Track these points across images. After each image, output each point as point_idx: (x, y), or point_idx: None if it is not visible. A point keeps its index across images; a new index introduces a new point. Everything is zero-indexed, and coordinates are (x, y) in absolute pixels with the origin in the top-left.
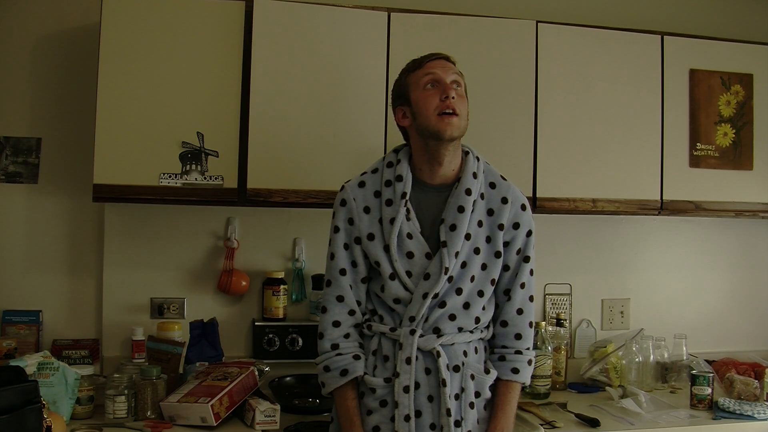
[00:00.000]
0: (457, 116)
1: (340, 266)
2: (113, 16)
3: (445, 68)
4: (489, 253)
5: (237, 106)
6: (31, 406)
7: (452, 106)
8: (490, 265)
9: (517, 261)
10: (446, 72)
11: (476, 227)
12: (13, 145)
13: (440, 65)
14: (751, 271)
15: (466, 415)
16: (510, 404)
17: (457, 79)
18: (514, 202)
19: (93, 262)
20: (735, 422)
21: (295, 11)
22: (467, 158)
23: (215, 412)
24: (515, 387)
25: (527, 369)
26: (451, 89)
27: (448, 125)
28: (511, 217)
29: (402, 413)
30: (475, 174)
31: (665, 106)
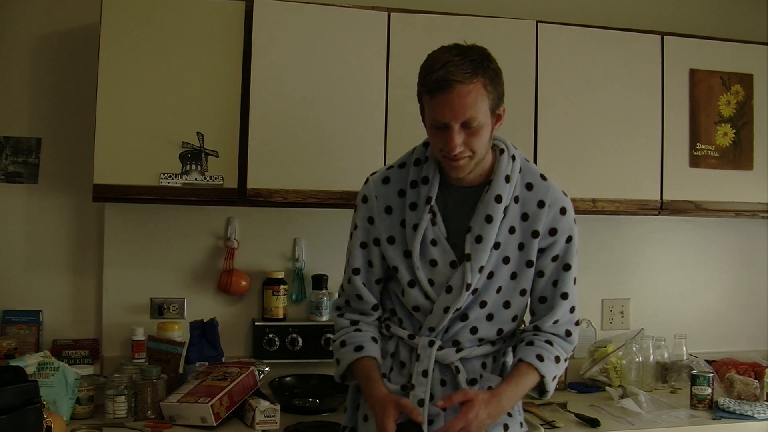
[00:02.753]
0: (463, 159)
1: (354, 265)
2: (113, 16)
3: (454, 108)
4: (520, 262)
5: (237, 106)
6: (31, 406)
7: (457, 157)
8: (521, 275)
9: (555, 268)
10: (455, 113)
11: (507, 234)
12: (13, 145)
13: (448, 104)
14: (751, 271)
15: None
16: (520, 382)
17: (469, 118)
18: (552, 205)
19: (93, 262)
20: (735, 422)
21: (295, 11)
22: (501, 158)
23: (215, 412)
24: (530, 371)
25: (552, 362)
26: (455, 144)
27: (453, 169)
28: (548, 222)
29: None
30: (509, 177)
31: (665, 106)
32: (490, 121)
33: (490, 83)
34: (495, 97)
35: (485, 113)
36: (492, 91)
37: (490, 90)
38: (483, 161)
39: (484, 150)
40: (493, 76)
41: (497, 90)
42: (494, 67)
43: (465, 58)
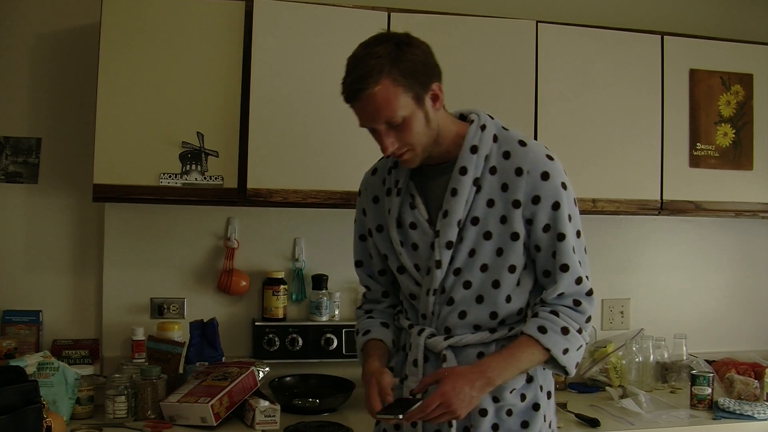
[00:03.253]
0: (406, 153)
1: (356, 258)
2: (113, 16)
3: (368, 114)
4: (504, 236)
5: (237, 106)
6: (31, 406)
7: (397, 155)
8: (507, 250)
9: (548, 239)
10: (370, 119)
11: (485, 208)
12: (13, 145)
13: (362, 111)
14: (751, 271)
15: (477, 422)
16: (515, 354)
17: (391, 117)
18: (531, 171)
19: (93, 262)
20: (735, 422)
21: (295, 11)
22: (468, 130)
23: (215, 412)
24: (530, 343)
25: (557, 333)
26: (386, 146)
27: (403, 163)
28: (528, 190)
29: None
30: (475, 148)
31: (665, 106)
32: (417, 110)
33: (401, 75)
34: (414, 83)
35: (406, 106)
36: (408, 81)
37: (404, 82)
38: (446, 138)
39: (425, 138)
40: (403, 65)
41: (414, 76)
42: (405, 54)
43: (369, 58)
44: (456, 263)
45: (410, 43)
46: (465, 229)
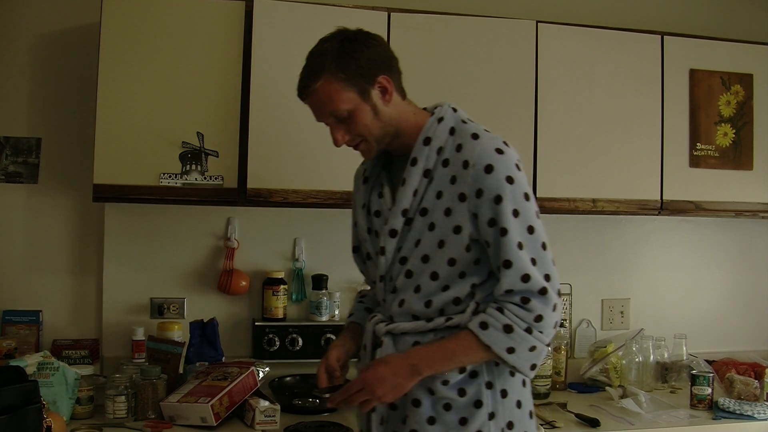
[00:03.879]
0: (360, 145)
1: (352, 244)
2: (113, 16)
3: (316, 110)
4: (446, 228)
5: (237, 106)
6: (31, 406)
7: (352, 146)
8: (448, 242)
9: (493, 234)
10: (318, 114)
11: (434, 200)
12: (13, 145)
13: (312, 108)
14: (751, 271)
15: (411, 413)
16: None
17: (335, 111)
18: (476, 164)
19: (93, 262)
20: (735, 422)
21: (295, 11)
22: (426, 122)
23: (215, 412)
24: (468, 338)
25: (499, 331)
26: (338, 137)
27: (361, 153)
28: (472, 183)
29: None
30: (428, 139)
31: (665, 106)
32: (363, 104)
33: (342, 70)
34: (357, 78)
35: (349, 100)
36: (350, 76)
37: (345, 77)
38: (407, 130)
39: (376, 129)
40: (344, 61)
41: (357, 71)
42: (347, 50)
43: (314, 56)
44: (402, 252)
45: (355, 38)
46: (415, 219)
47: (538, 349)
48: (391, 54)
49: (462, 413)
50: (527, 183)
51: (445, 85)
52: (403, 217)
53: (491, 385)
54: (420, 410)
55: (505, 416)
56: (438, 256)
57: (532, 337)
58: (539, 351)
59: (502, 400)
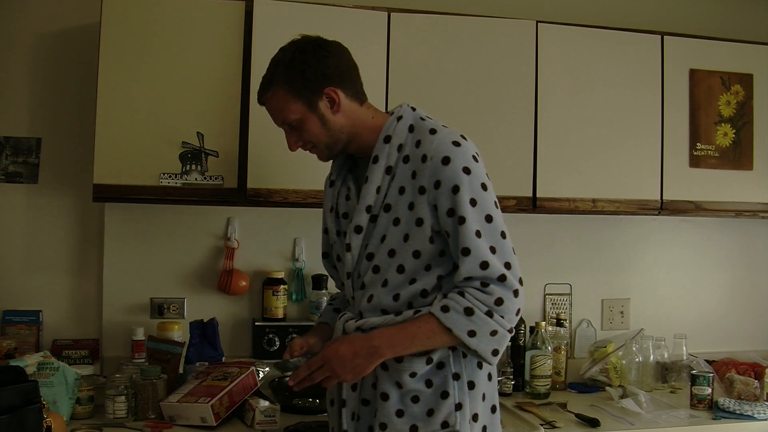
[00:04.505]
0: (312, 150)
1: (322, 250)
2: (113, 16)
3: (271, 114)
4: (410, 221)
5: (237, 106)
6: (31, 406)
7: (307, 150)
8: (412, 236)
9: (452, 224)
10: (274, 119)
11: (397, 195)
12: (13, 145)
13: (268, 112)
14: (751, 271)
15: (380, 407)
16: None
17: (285, 120)
18: (433, 157)
19: (93, 262)
20: (735, 422)
21: (295, 11)
22: (386, 122)
23: (215, 412)
24: (429, 320)
25: (459, 314)
26: (290, 143)
27: (318, 157)
28: (430, 175)
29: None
30: (388, 138)
31: (665, 106)
32: (310, 114)
33: (290, 83)
34: (304, 90)
35: (296, 110)
36: (296, 89)
37: (292, 89)
38: (365, 133)
39: (324, 137)
40: (292, 73)
41: (304, 83)
42: (297, 62)
43: (271, 66)
44: (369, 248)
45: (306, 50)
46: (379, 215)
47: (499, 334)
48: (345, 63)
49: (429, 404)
50: (485, 174)
51: (445, 85)
52: (367, 213)
53: (458, 377)
54: (388, 404)
55: (471, 407)
56: (403, 250)
57: (493, 320)
58: (501, 336)
59: (469, 392)
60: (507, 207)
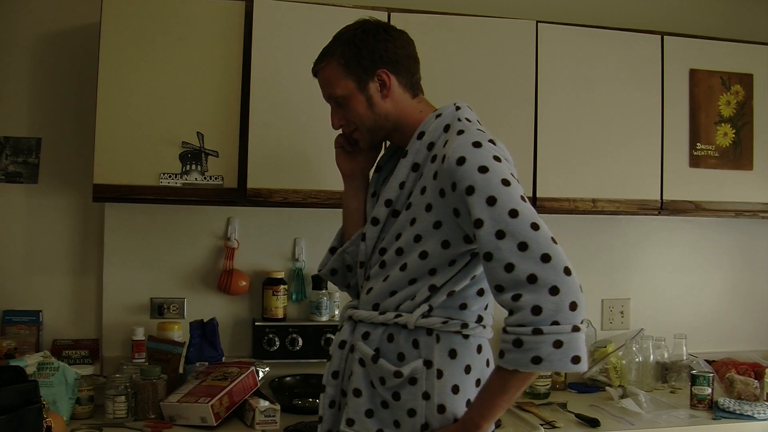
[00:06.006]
0: (354, 132)
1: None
2: (113, 16)
3: (321, 87)
4: (427, 224)
5: (237, 106)
6: (31, 406)
7: (346, 131)
8: (425, 237)
9: (472, 229)
10: (323, 93)
11: (419, 195)
12: (13, 145)
13: (319, 84)
14: (750, 271)
15: (348, 400)
16: (486, 389)
17: (332, 94)
18: (450, 157)
19: (93, 262)
20: (735, 422)
21: (295, 11)
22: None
23: (215, 412)
24: (499, 372)
25: (512, 350)
26: (334, 120)
27: (356, 141)
28: (447, 177)
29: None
30: (422, 134)
31: (665, 106)
32: (358, 93)
33: (345, 58)
34: (357, 68)
35: (345, 87)
36: (351, 65)
37: (346, 64)
38: (409, 126)
39: (368, 120)
40: (351, 50)
41: (359, 61)
42: (358, 40)
43: (333, 41)
44: (382, 243)
45: (370, 30)
46: (401, 212)
47: (565, 342)
48: (406, 52)
49: (396, 416)
50: (507, 172)
51: (445, 84)
52: (386, 207)
53: (428, 396)
54: (359, 400)
55: (439, 398)
56: (412, 249)
57: (545, 335)
58: (568, 342)
59: (439, 415)
60: None
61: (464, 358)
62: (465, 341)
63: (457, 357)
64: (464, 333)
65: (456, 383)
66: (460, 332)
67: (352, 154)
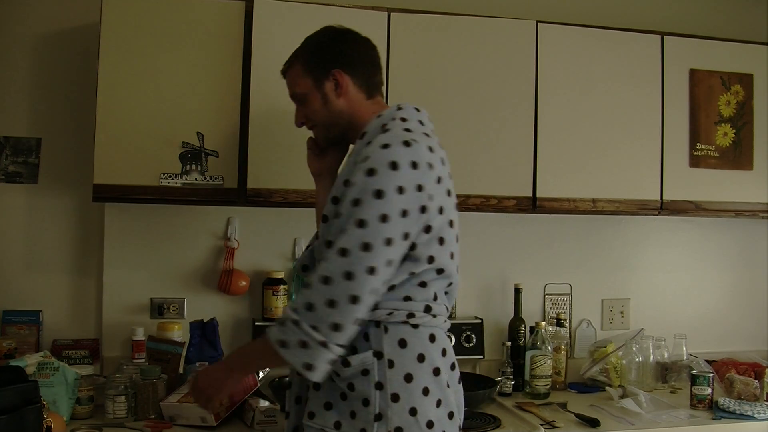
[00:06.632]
0: (313, 129)
1: None
2: (113, 16)
3: (288, 86)
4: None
5: (237, 106)
6: (31, 406)
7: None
8: (322, 235)
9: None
10: (289, 90)
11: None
12: (13, 145)
13: (286, 83)
14: (751, 271)
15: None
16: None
17: (294, 93)
18: (357, 154)
19: (93, 262)
20: (735, 422)
21: (295, 11)
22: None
23: (215, 412)
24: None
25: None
26: (297, 117)
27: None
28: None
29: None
30: (364, 134)
31: (665, 106)
32: (315, 91)
33: (305, 59)
34: (315, 68)
35: (305, 85)
36: (308, 65)
37: (306, 64)
38: (361, 124)
39: (324, 117)
40: (307, 52)
41: (316, 61)
42: (317, 42)
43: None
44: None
45: (332, 34)
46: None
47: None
48: (363, 56)
49: (352, 407)
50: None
51: (445, 85)
52: (333, 204)
53: (381, 386)
54: (319, 393)
55: (397, 420)
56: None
57: (299, 331)
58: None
59: (393, 404)
60: (507, 207)
61: (415, 347)
62: (415, 331)
63: (407, 346)
64: (412, 323)
65: (408, 372)
66: (408, 322)
67: (320, 154)
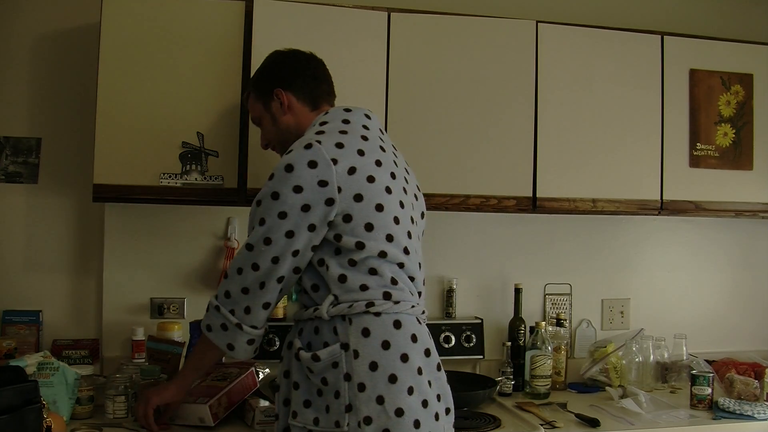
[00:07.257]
0: (274, 149)
1: None
2: (113, 16)
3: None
4: None
5: (237, 106)
6: (31, 406)
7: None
8: None
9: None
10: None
11: None
12: (13, 145)
13: None
14: (751, 271)
15: (291, 393)
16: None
17: (252, 117)
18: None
19: (93, 262)
20: (735, 422)
21: (295, 11)
22: None
23: (213, 412)
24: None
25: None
26: (261, 137)
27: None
28: None
29: None
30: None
31: (665, 106)
32: (265, 113)
33: (255, 86)
34: (261, 92)
35: (258, 109)
36: (258, 90)
37: (256, 90)
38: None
39: (275, 135)
40: (255, 80)
41: (260, 86)
42: (259, 70)
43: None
44: None
45: (271, 58)
46: None
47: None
48: (301, 73)
49: (327, 401)
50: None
51: (445, 85)
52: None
53: (349, 377)
54: (298, 392)
55: (366, 410)
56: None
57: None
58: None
59: (360, 394)
60: (507, 207)
61: (379, 335)
62: (377, 319)
63: (371, 335)
64: (373, 311)
65: (373, 360)
66: (369, 311)
67: None
